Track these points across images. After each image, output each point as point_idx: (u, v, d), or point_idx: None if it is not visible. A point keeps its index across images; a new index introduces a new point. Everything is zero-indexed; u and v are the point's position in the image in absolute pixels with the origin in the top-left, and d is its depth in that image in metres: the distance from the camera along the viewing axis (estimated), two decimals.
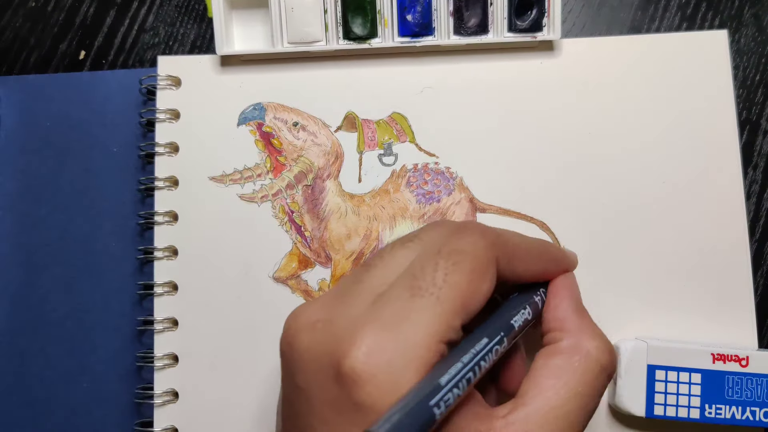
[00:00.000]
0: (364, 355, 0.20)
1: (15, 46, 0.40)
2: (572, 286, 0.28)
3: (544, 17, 0.35)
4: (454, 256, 0.23)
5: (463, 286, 0.22)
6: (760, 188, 0.37)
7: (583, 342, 0.24)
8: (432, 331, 0.21)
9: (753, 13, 0.38)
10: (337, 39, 0.36)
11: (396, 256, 0.24)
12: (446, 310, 0.22)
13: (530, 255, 0.26)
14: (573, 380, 0.23)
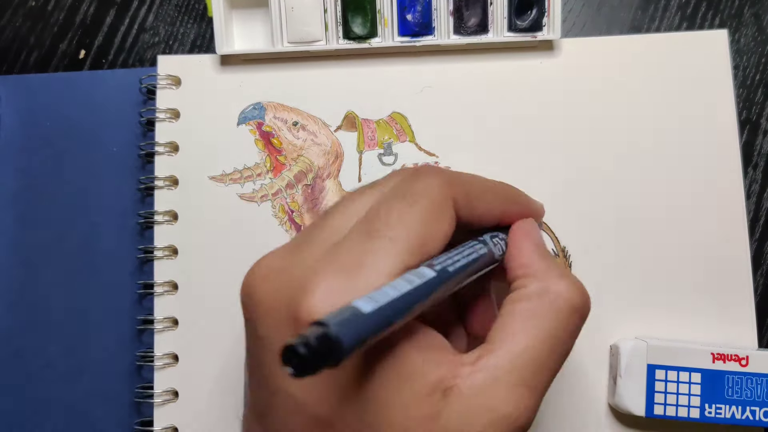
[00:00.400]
0: (319, 299, 0.20)
1: (15, 45, 0.40)
2: (532, 230, 0.27)
3: (544, 17, 0.35)
4: (408, 198, 0.23)
5: (419, 226, 0.22)
6: (760, 188, 0.37)
7: (551, 284, 0.23)
8: (388, 272, 0.21)
9: (753, 13, 0.38)
10: (337, 38, 0.36)
11: (354, 202, 0.24)
12: (402, 251, 0.21)
13: (489, 194, 0.26)
14: (543, 323, 0.23)
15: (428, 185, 0.23)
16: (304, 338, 0.16)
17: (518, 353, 0.22)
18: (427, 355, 0.22)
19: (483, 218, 0.25)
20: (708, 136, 0.36)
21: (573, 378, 0.35)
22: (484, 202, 0.25)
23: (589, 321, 0.35)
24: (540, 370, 0.22)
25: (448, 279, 0.22)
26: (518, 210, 0.27)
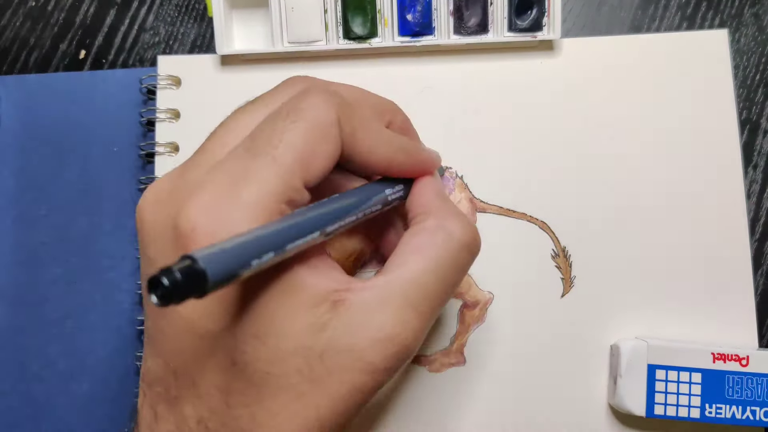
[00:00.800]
0: (198, 211, 0.21)
1: (15, 45, 0.40)
2: (435, 181, 0.28)
3: (544, 17, 0.35)
4: (292, 115, 0.22)
5: (301, 145, 0.22)
6: (760, 188, 0.37)
7: (446, 222, 0.25)
8: (268, 190, 0.21)
9: (753, 13, 0.38)
10: (337, 38, 0.36)
11: (239, 120, 0.24)
12: (284, 169, 0.21)
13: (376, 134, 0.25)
14: (434, 254, 0.23)
15: (313, 105, 0.23)
16: (169, 270, 0.16)
17: (408, 278, 0.23)
18: (317, 273, 0.22)
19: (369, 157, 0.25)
20: (708, 136, 0.36)
21: (573, 378, 0.35)
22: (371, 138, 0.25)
23: (589, 321, 0.36)
24: (427, 296, 0.23)
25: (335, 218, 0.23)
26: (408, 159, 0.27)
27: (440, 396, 0.36)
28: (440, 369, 0.36)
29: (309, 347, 0.21)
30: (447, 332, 0.36)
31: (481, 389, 0.36)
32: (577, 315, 0.36)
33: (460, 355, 0.36)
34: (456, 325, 0.36)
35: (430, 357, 0.36)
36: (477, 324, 0.36)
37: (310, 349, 0.21)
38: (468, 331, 0.36)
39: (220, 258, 0.18)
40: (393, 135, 0.27)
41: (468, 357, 0.36)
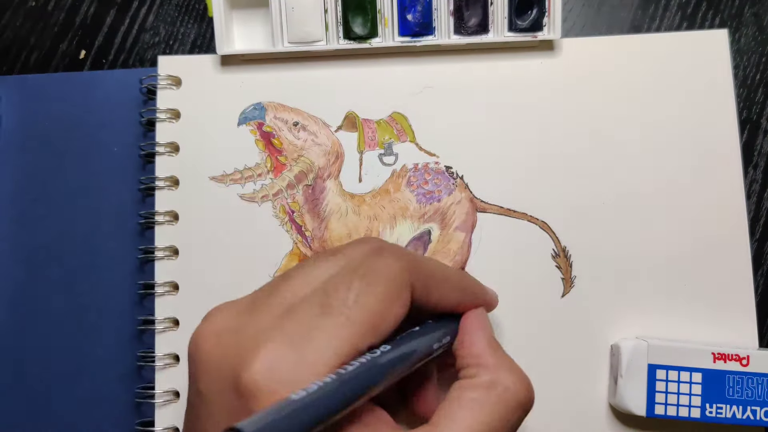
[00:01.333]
0: (264, 369, 0.20)
1: (15, 46, 0.40)
2: (485, 320, 0.27)
3: (545, 17, 0.35)
4: (368, 277, 0.23)
5: (374, 308, 0.22)
6: (760, 188, 0.37)
7: (500, 377, 0.24)
8: (336, 352, 0.21)
9: (753, 13, 0.38)
10: (337, 38, 0.36)
11: (316, 269, 0.24)
12: (354, 332, 0.21)
13: (447, 284, 0.26)
14: (488, 414, 0.23)
15: (388, 267, 0.23)
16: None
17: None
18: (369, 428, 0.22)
19: (437, 305, 0.26)
20: (708, 136, 0.36)
21: (573, 378, 0.35)
22: (441, 291, 0.26)
23: (589, 320, 0.36)
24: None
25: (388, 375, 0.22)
26: (473, 301, 0.28)
27: None
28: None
29: None
30: None
31: None
32: (577, 315, 0.36)
33: None
34: None
35: None
36: None
37: None
38: None
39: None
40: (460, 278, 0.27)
41: None
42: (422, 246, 0.36)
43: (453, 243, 0.36)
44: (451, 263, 0.36)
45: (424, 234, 0.36)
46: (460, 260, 0.36)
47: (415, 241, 0.36)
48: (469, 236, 0.36)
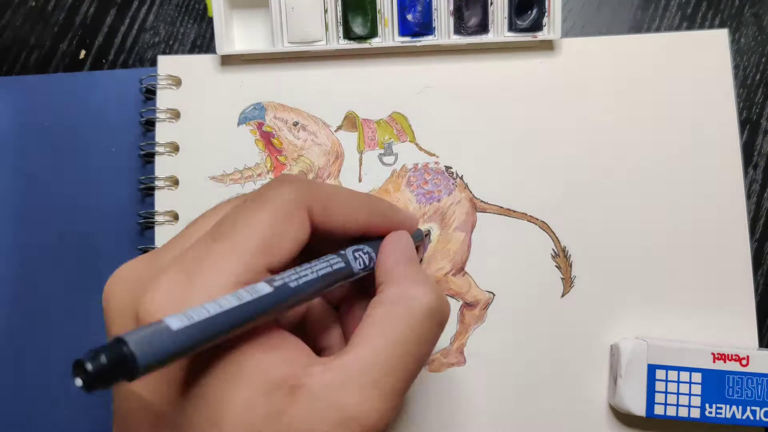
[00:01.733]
0: (159, 298, 0.21)
1: (15, 46, 0.40)
2: (403, 240, 0.27)
3: (545, 17, 0.35)
4: (257, 201, 0.23)
5: (264, 229, 0.22)
6: (760, 188, 0.37)
7: (409, 289, 0.24)
8: (228, 272, 0.21)
9: (753, 13, 0.38)
10: (337, 38, 0.36)
11: (215, 210, 0.25)
12: (243, 252, 0.22)
13: (350, 205, 0.26)
14: (396, 326, 0.22)
15: (279, 191, 0.23)
16: (94, 353, 0.16)
17: (370, 355, 0.22)
18: (272, 354, 0.22)
19: (345, 228, 0.26)
20: (708, 136, 0.36)
21: (573, 378, 0.35)
22: (344, 210, 0.25)
23: (589, 320, 0.36)
24: (392, 373, 0.22)
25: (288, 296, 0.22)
26: (384, 222, 0.27)
27: (440, 396, 0.36)
28: (440, 369, 0.36)
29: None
30: (447, 332, 0.36)
31: (481, 389, 0.36)
32: (577, 315, 0.36)
33: (459, 355, 0.36)
34: (456, 325, 0.36)
35: (429, 357, 0.36)
36: (477, 324, 0.36)
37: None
38: (468, 331, 0.36)
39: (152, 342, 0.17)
40: (366, 199, 0.27)
41: (468, 357, 0.36)
42: (422, 246, 0.36)
43: (453, 243, 0.36)
44: (450, 263, 0.36)
45: None
46: (460, 260, 0.36)
47: None
48: (469, 236, 0.36)
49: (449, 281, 0.36)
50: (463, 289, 0.36)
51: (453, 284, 0.36)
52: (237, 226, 0.22)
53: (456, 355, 0.36)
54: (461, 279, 0.36)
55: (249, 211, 0.23)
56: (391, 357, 0.22)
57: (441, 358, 0.36)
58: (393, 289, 0.24)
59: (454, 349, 0.36)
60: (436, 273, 0.36)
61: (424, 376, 0.36)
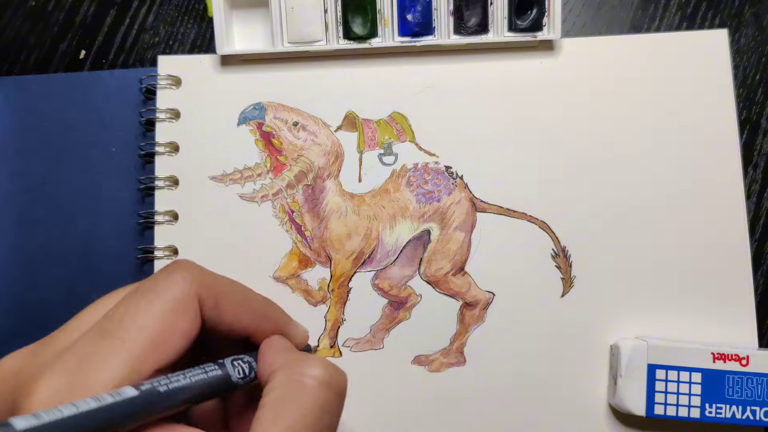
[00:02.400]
0: (41, 399, 0.20)
1: (15, 45, 0.40)
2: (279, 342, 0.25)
3: (545, 17, 0.35)
4: (148, 295, 0.22)
5: (153, 327, 0.21)
6: (760, 188, 0.37)
7: (296, 369, 0.23)
8: (112, 374, 0.20)
9: (753, 13, 0.38)
10: (337, 38, 0.36)
11: (106, 300, 0.24)
12: (132, 354, 0.20)
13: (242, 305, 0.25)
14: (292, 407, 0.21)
15: (173, 283, 0.22)
16: None
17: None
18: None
19: (231, 328, 0.24)
20: (708, 136, 0.36)
21: (573, 378, 0.35)
22: (235, 311, 0.24)
23: (589, 320, 0.35)
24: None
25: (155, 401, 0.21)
26: (273, 330, 0.26)
27: (440, 396, 0.36)
28: (440, 369, 0.36)
29: None
30: (447, 332, 0.36)
31: (481, 389, 0.36)
32: (577, 315, 0.36)
33: (459, 355, 0.36)
34: (456, 325, 0.36)
35: (430, 357, 0.36)
36: (477, 324, 0.36)
37: None
38: (468, 330, 0.36)
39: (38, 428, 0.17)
40: (261, 301, 0.25)
41: (468, 357, 0.36)
42: (422, 246, 0.36)
43: (452, 243, 0.36)
44: (450, 263, 0.36)
45: (423, 234, 0.37)
46: (460, 260, 0.36)
47: (415, 241, 0.36)
48: (469, 236, 0.36)
49: (449, 281, 0.36)
50: (463, 289, 0.36)
51: (453, 284, 0.36)
52: (125, 322, 0.21)
53: (456, 355, 0.36)
54: (461, 279, 0.36)
55: (138, 307, 0.21)
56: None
57: (441, 358, 0.36)
58: (279, 375, 0.23)
59: (454, 349, 0.36)
60: (435, 273, 0.36)
61: (424, 376, 0.36)
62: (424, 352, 0.36)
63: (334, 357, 0.36)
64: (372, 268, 0.37)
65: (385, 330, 0.36)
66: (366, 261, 0.36)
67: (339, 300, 0.36)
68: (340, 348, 0.36)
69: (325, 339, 0.36)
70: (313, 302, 0.36)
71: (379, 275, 0.36)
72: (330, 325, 0.36)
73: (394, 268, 0.36)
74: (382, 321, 0.36)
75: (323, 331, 0.36)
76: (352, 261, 0.37)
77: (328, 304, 0.36)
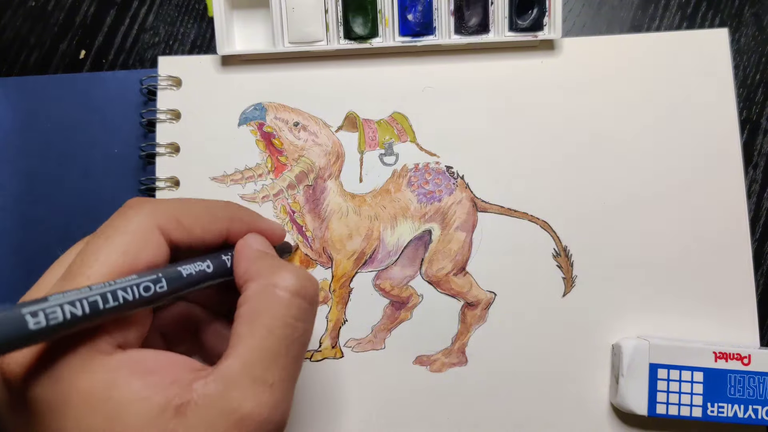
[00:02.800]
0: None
1: (15, 46, 0.40)
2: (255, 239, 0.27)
3: (545, 16, 0.35)
4: (106, 232, 0.23)
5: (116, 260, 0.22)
6: (760, 187, 0.37)
7: (268, 279, 0.24)
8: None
9: (753, 13, 0.38)
10: (338, 39, 0.36)
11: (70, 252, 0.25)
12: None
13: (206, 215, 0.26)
14: (265, 317, 0.23)
15: (127, 218, 0.24)
16: None
17: (246, 354, 0.22)
18: (150, 379, 0.22)
19: (205, 239, 0.26)
20: (709, 135, 0.36)
21: (575, 377, 0.35)
22: (200, 222, 0.25)
23: (590, 320, 0.36)
24: (272, 364, 0.22)
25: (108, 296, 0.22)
26: (246, 229, 0.27)
27: (442, 396, 0.36)
28: (441, 369, 0.36)
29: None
30: (448, 332, 0.36)
31: (483, 389, 0.36)
32: (578, 314, 0.36)
33: (461, 355, 0.36)
34: (457, 325, 0.36)
35: (431, 357, 0.36)
36: (478, 324, 0.36)
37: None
38: (469, 330, 0.36)
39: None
40: (224, 207, 0.27)
41: (469, 357, 0.36)
42: (423, 246, 0.36)
43: (454, 243, 0.36)
44: (452, 263, 0.36)
45: (424, 234, 0.36)
46: (461, 260, 0.36)
47: (416, 241, 0.36)
48: (470, 236, 0.36)
49: (450, 281, 0.36)
50: (465, 289, 0.36)
51: (454, 284, 0.36)
52: (89, 261, 0.22)
53: (458, 355, 0.36)
54: (462, 279, 0.36)
55: (98, 245, 0.23)
56: (267, 349, 0.22)
57: (443, 358, 0.36)
58: (253, 284, 0.24)
59: (456, 349, 0.36)
60: (437, 273, 0.36)
61: (425, 376, 0.36)
62: (426, 352, 0.36)
63: (335, 357, 0.36)
64: (373, 268, 0.37)
65: (387, 330, 0.36)
66: (367, 261, 0.36)
67: (340, 300, 0.36)
68: (342, 348, 0.36)
69: (327, 339, 0.36)
70: None
71: (380, 275, 0.36)
72: (331, 326, 0.36)
73: (395, 268, 0.36)
74: (384, 321, 0.36)
75: (325, 331, 0.36)
76: (353, 261, 0.36)
77: (329, 304, 0.36)
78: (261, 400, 0.22)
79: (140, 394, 0.21)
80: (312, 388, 0.36)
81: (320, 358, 0.36)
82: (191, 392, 0.21)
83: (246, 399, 0.22)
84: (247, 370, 0.22)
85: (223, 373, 0.22)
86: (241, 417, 0.21)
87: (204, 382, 0.22)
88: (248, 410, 0.21)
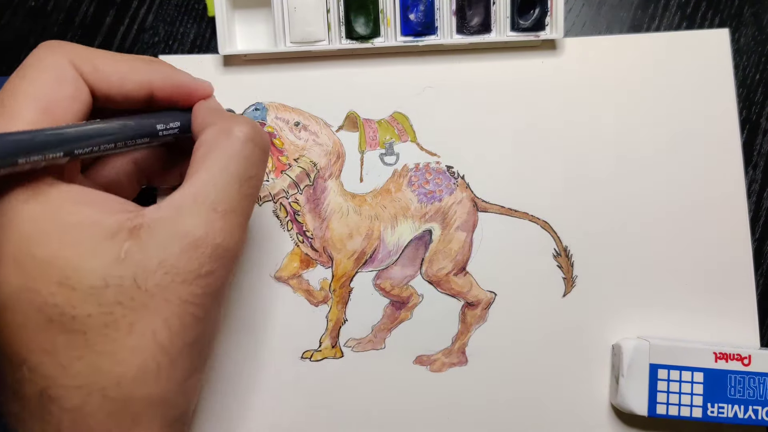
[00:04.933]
0: None
1: (15, 45, 0.40)
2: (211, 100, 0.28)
3: (547, 16, 0.35)
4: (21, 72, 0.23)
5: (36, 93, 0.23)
6: (760, 187, 0.37)
7: (225, 125, 0.25)
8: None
9: (753, 12, 0.38)
10: (339, 38, 0.36)
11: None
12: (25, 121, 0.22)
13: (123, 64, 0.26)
14: (221, 155, 0.24)
15: (40, 57, 0.24)
16: None
17: (201, 185, 0.23)
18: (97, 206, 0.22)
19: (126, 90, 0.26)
20: (708, 136, 0.36)
21: (575, 378, 0.35)
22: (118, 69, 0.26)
23: (590, 320, 0.36)
24: (226, 195, 0.23)
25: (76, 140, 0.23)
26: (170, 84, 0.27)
27: (442, 396, 0.36)
28: (441, 369, 0.36)
29: (120, 276, 0.21)
30: (448, 332, 0.36)
31: (483, 389, 0.36)
32: (578, 314, 0.36)
33: (461, 355, 0.36)
34: (457, 324, 0.36)
35: (431, 357, 0.36)
36: (478, 324, 0.36)
37: (122, 278, 0.21)
38: (469, 330, 0.36)
39: None
40: (145, 61, 0.27)
41: (469, 357, 0.36)
42: (423, 245, 0.36)
43: (454, 243, 0.36)
44: (452, 263, 0.36)
45: (425, 233, 0.37)
46: (462, 260, 0.36)
47: (416, 241, 0.36)
48: (471, 236, 0.36)
49: (451, 281, 0.36)
50: (465, 289, 0.36)
51: (454, 284, 0.36)
52: (8, 101, 0.22)
53: (458, 355, 0.36)
54: (463, 279, 0.36)
55: (14, 84, 0.23)
56: (221, 181, 0.24)
57: (443, 357, 0.36)
58: (210, 129, 0.25)
59: (456, 348, 0.36)
60: (437, 272, 0.36)
61: (425, 376, 0.36)
62: (426, 352, 0.36)
63: (335, 357, 0.36)
64: (373, 268, 0.37)
65: (387, 330, 0.36)
66: (367, 261, 0.36)
67: (340, 300, 0.36)
68: (342, 348, 0.36)
69: (327, 339, 0.36)
70: (315, 302, 0.36)
71: (380, 275, 0.36)
72: (332, 325, 0.36)
73: (395, 268, 0.36)
74: (384, 321, 0.36)
75: (325, 331, 0.36)
76: (353, 261, 0.36)
77: (329, 304, 0.36)
78: (214, 226, 0.23)
79: (92, 218, 0.22)
80: (312, 388, 0.36)
81: (320, 358, 0.36)
82: (143, 217, 0.22)
83: (198, 224, 0.22)
84: (200, 199, 0.23)
85: (175, 201, 0.23)
86: (195, 240, 0.22)
87: (156, 207, 0.23)
88: (201, 234, 0.22)
